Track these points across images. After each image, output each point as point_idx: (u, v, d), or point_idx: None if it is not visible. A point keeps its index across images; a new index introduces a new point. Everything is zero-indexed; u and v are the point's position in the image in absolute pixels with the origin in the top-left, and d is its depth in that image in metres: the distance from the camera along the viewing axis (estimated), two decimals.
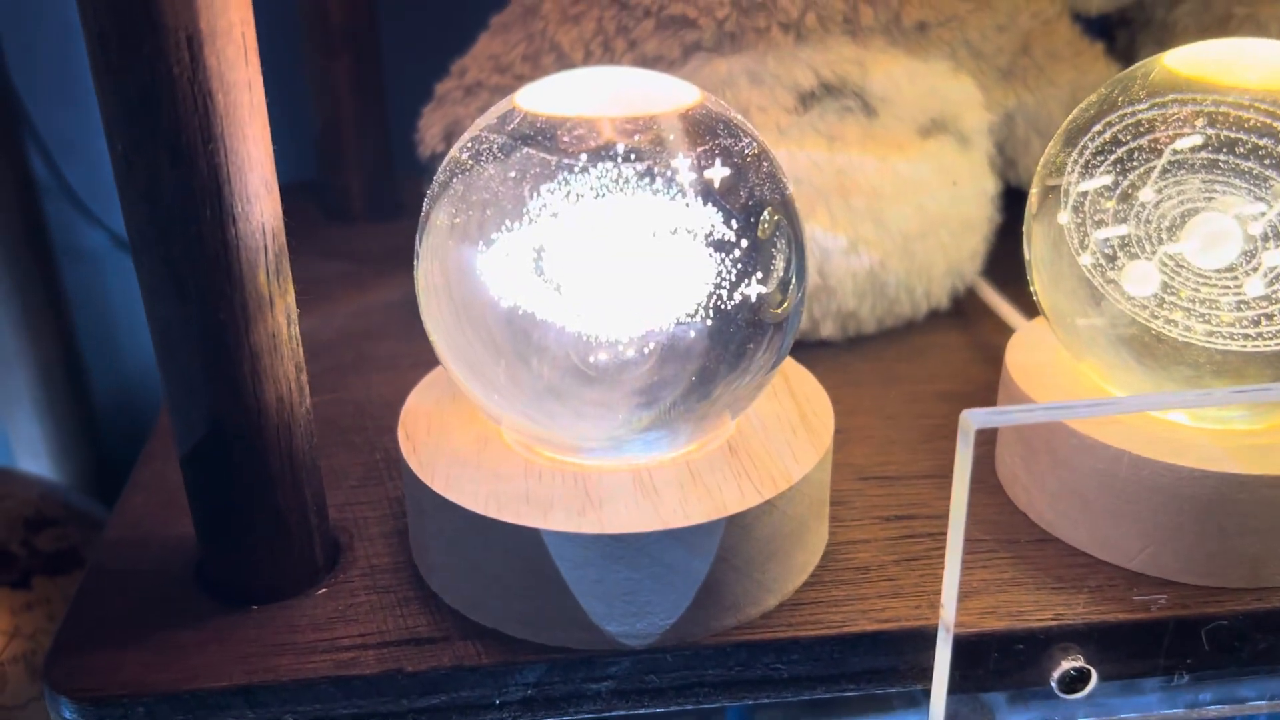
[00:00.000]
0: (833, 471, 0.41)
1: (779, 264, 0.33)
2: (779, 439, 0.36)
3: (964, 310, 0.52)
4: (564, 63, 0.45)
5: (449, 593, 0.35)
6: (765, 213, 0.32)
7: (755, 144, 0.33)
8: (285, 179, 0.34)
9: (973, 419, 0.30)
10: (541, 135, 0.31)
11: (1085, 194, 0.36)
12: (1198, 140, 0.35)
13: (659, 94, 0.33)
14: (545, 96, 0.33)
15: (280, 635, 0.34)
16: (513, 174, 0.31)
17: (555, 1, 0.45)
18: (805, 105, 0.44)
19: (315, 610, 0.35)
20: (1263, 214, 0.34)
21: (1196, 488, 0.34)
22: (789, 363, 0.40)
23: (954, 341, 0.50)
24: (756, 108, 0.44)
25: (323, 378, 0.48)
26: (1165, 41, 0.53)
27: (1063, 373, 0.39)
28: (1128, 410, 0.33)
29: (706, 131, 0.32)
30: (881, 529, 0.38)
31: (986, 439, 0.41)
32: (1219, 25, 0.51)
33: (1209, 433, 0.36)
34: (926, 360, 0.49)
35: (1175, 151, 0.35)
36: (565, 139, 0.31)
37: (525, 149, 0.31)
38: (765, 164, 0.33)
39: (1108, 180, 0.35)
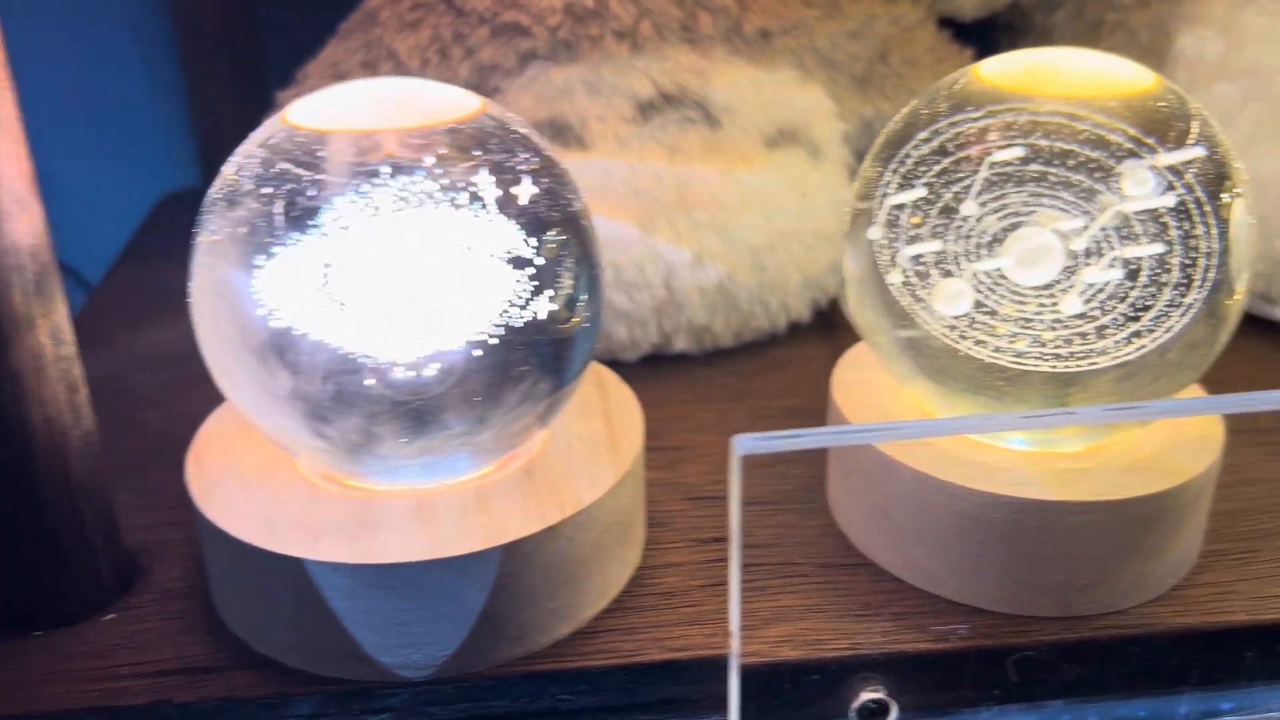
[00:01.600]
0: (662, 491, 0.40)
1: (564, 280, 0.32)
2: (581, 461, 0.35)
3: (830, 323, 0.51)
4: (401, 71, 0.44)
5: (233, 621, 0.34)
6: (548, 229, 0.31)
7: (537, 157, 0.32)
8: (167, 188, 0.33)
9: (739, 445, 0.29)
10: (302, 151, 0.30)
11: (896, 210, 0.35)
12: (1017, 152, 0.34)
13: (434, 105, 0.32)
14: (316, 111, 0.32)
15: (57, 663, 0.33)
16: (269, 191, 0.30)
17: (393, 9, 0.44)
18: (645, 115, 0.43)
19: (99, 636, 0.34)
20: (1085, 228, 0.33)
21: (1000, 513, 0.33)
22: (612, 380, 0.39)
23: (814, 355, 0.49)
24: (595, 118, 0.42)
25: (166, 391, 0.47)
26: (1041, 47, 0.52)
27: (886, 392, 0.38)
28: (906, 436, 0.32)
29: (479, 144, 0.31)
30: (696, 553, 0.37)
31: (816, 458, 0.40)
32: (1091, 31, 0.50)
33: (1024, 455, 0.35)
34: (783, 375, 0.48)
35: (993, 165, 0.34)
36: (325, 153, 0.30)
37: (283, 164, 0.30)
38: (548, 177, 0.32)
39: (918, 195, 0.34)
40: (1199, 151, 0.33)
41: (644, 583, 0.36)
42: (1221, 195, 0.32)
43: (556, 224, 0.32)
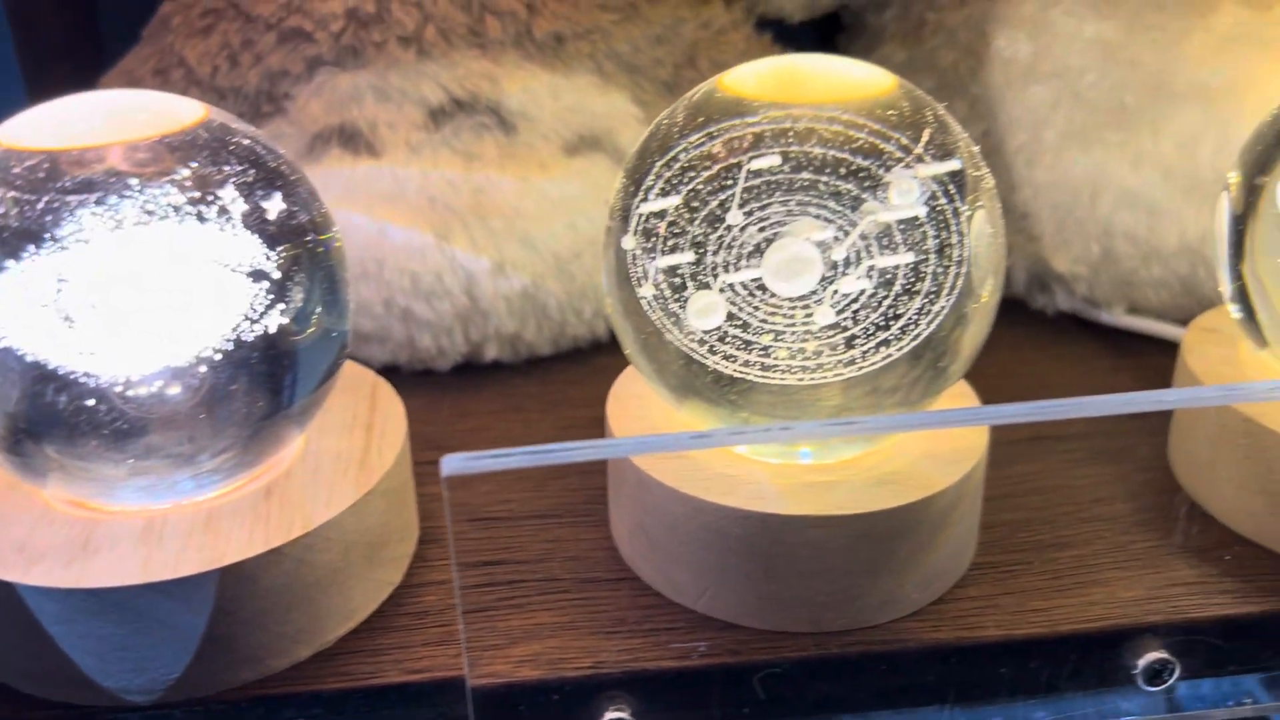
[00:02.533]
0: (443, 507, 0.39)
1: (296, 293, 0.31)
2: (325, 479, 0.34)
3: None
4: (191, 78, 0.43)
5: None
6: (278, 241, 0.31)
7: (260, 166, 0.31)
8: None
9: (446, 465, 0.28)
10: (18, 168, 0.30)
11: (652, 219, 0.34)
12: (771, 161, 0.33)
13: (156, 117, 0.31)
14: (30, 127, 0.31)
15: None
16: None
17: (185, 15, 0.43)
18: (437, 122, 0.42)
19: None
20: (845, 235, 0.33)
21: (743, 527, 0.32)
22: (385, 394, 0.38)
23: None
24: (385, 124, 0.42)
25: None
26: (874, 47, 0.51)
27: (659, 403, 0.37)
28: (625, 453, 0.31)
29: (200, 154, 0.30)
30: (462, 575, 0.36)
31: (599, 470, 0.40)
32: (915, 31, 0.49)
33: (774, 469, 0.34)
34: (601, 383, 0.47)
35: (752, 174, 0.33)
36: (21, 170, 0.29)
37: None
38: (273, 187, 0.31)
39: (670, 204, 0.33)
40: (956, 164, 0.33)
41: (401, 603, 0.35)
42: (964, 205, 0.32)
43: (288, 235, 0.31)
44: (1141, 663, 0.34)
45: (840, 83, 0.32)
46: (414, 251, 0.42)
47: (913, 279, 0.32)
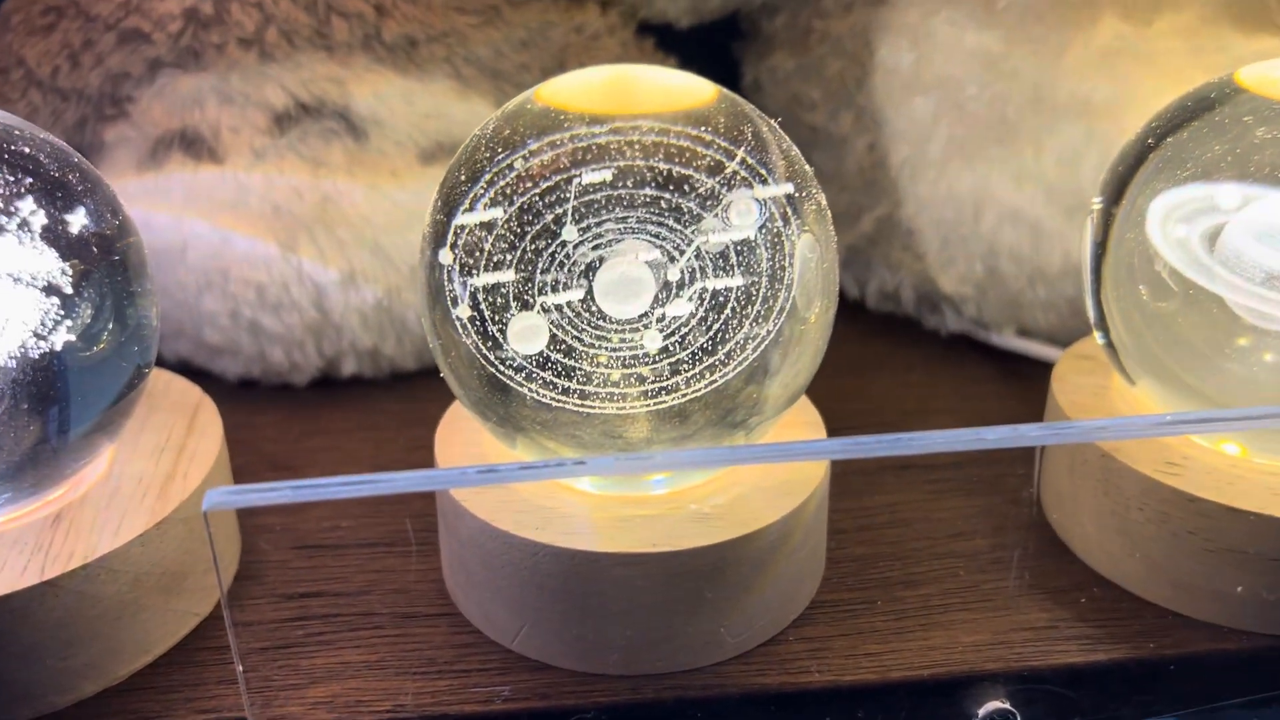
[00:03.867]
0: (270, 536, 0.37)
1: (84, 309, 0.30)
2: (121, 505, 0.32)
3: None
4: (31, 79, 0.41)
5: None
6: (67, 255, 0.29)
7: (40, 177, 0.29)
8: None
9: (207, 499, 0.27)
10: None
11: (468, 237, 0.32)
12: (602, 176, 0.31)
13: None
14: None
15: None
16: None
17: (26, 13, 0.41)
18: (282, 127, 0.40)
19: None
20: (679, 258, 0.31)
21: (553, 564, 0.31)
22: (208, 414, 0.36)
23: None
24: (228, 128, 0.40)
25: None
26: (766, 55, 0.50)
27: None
28: (399, 488, 0.29)
29: None
30: (277, 607, 0.34)
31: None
32: (803, 39, 0.47)
33: (595, 500, 0.32)
34: None
35: (581, 189, 0.31)
36: None
37: None
38: (60, 199, 0.29)
39: (489, 218, 0.31)
40: (789, 188, 0.31)
41: (205, 636, 0.33)
42: (792, 227, 0.30)
43: (75, 248, 0.29)
44: (981, 713, 0.32)
45: (657, 94, 0.31)
46: (259, 262, 0.41)
47: (743, 302, 0.31)
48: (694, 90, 0.31)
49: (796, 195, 0.30)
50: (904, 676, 0.32)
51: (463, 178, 0.30)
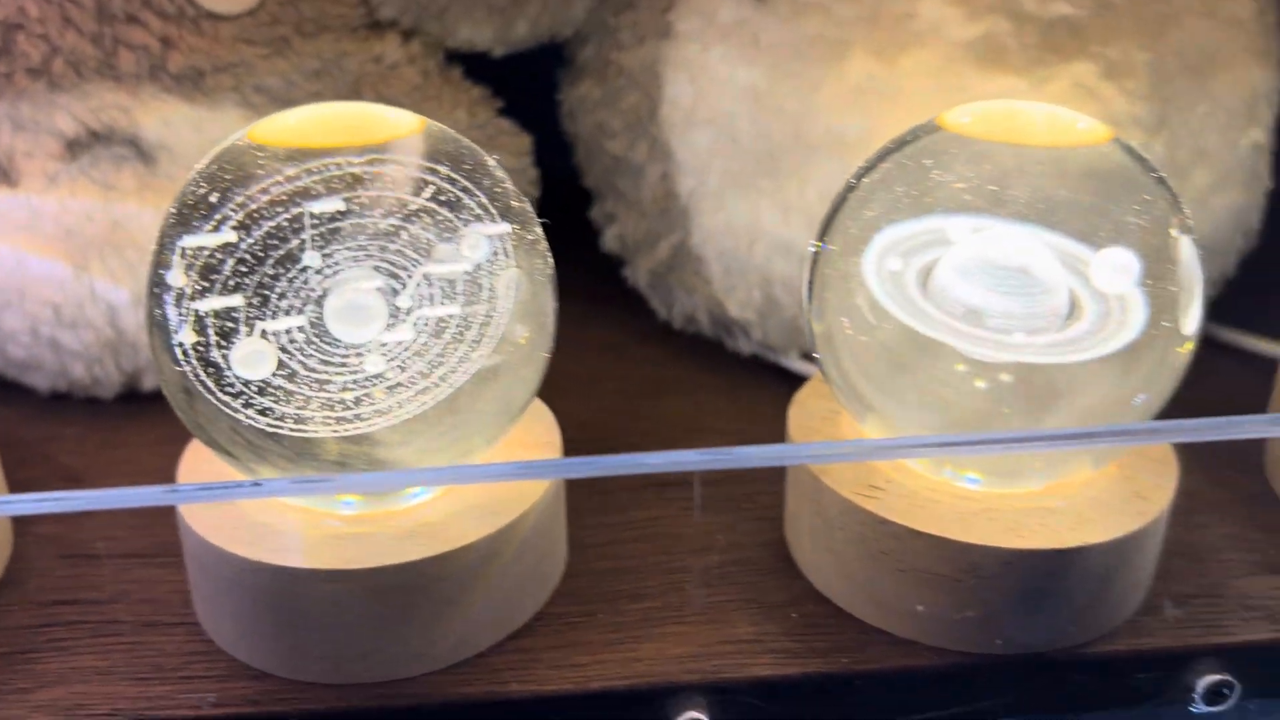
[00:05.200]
0: (42, 545, 0.39)
1: None
2: None
3: None
4: None
5: None
6: None
7: None
8: None
9: None
10: None
11: (195, 258, 0.34)
12: (336, 205, 0.33)
13: None
14: None
15: None
16: None
17: None
18: (74, 152, 0.42)
19: None
20: (405, 286, 0.33)
21: (263, 580, 0.32)
22: None
23: None
24: (22, 153, 0.42)
25: None
26: (577, 83, 0.51)
27: None
28: (135, 502, 0.31)
29: None
30: (27, 614, 0.36)
31: None
32: (604, 70, 0.49)
33: (313, 517, 0.34)
34: None
35: (314, 217, 0.33)
36: None
37: None
38: None
39: (223, 240, 0.33)
40: (506, 227, 0.33)
41: None
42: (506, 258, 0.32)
43: None
44: None
45: (361, 127, 0.32)
46: (53, 282, 0.42)
47: (460, 329, 0.33)
48: (403, 123, 0.33)
49: (513, 231, 0.32)
50: (602, 687, 0.33)
51: (176, 212, 0.32)
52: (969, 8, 0.39)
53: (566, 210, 0.53)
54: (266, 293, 0.32)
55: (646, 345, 0.52)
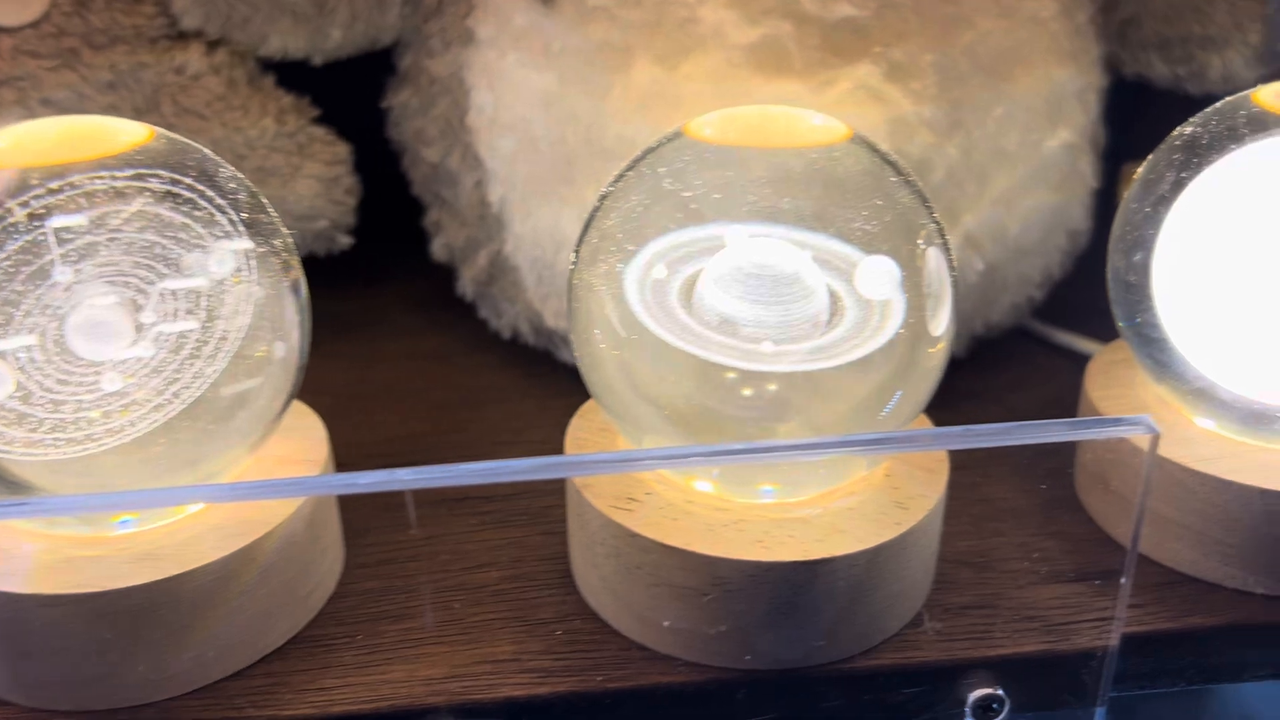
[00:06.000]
0: None
1: None
2: None
3: None
4: None
5: None
6: None
7: None
8: None
9: None
10: None
11: None
12: (78, 220, 0.32)
13: None
14: None
15: None
16: None
17: None
18: None
19: None
20: (146, 299, 0.32)
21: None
22: None
23: None
24: None
25: None
26: (399, 91, 0.50)
27: None
28: None
29: None
30: None
31: None
32: (417, 78, 0.48)
33: (52, 540, 0.33)
34: None
35: (59, 233, 0.32)
36: None
37: None
38: None
39: None
40: (247, 242, 0.32)
41: None
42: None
43: None
44: None
45: (92, 141, 0.32)
46: None
47: (199, 344, 0.32)
48: (132, 134, 0.32)
49: (256, 245, 0.31)
50: (344, 712, 0.33)
51: None
52: (748, 11, 0.39)
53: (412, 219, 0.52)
54: (11, 310, 0.32)
55: (475, 355, 0.51)
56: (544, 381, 0.49)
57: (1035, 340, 0.51)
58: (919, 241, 0.33)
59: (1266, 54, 0.50)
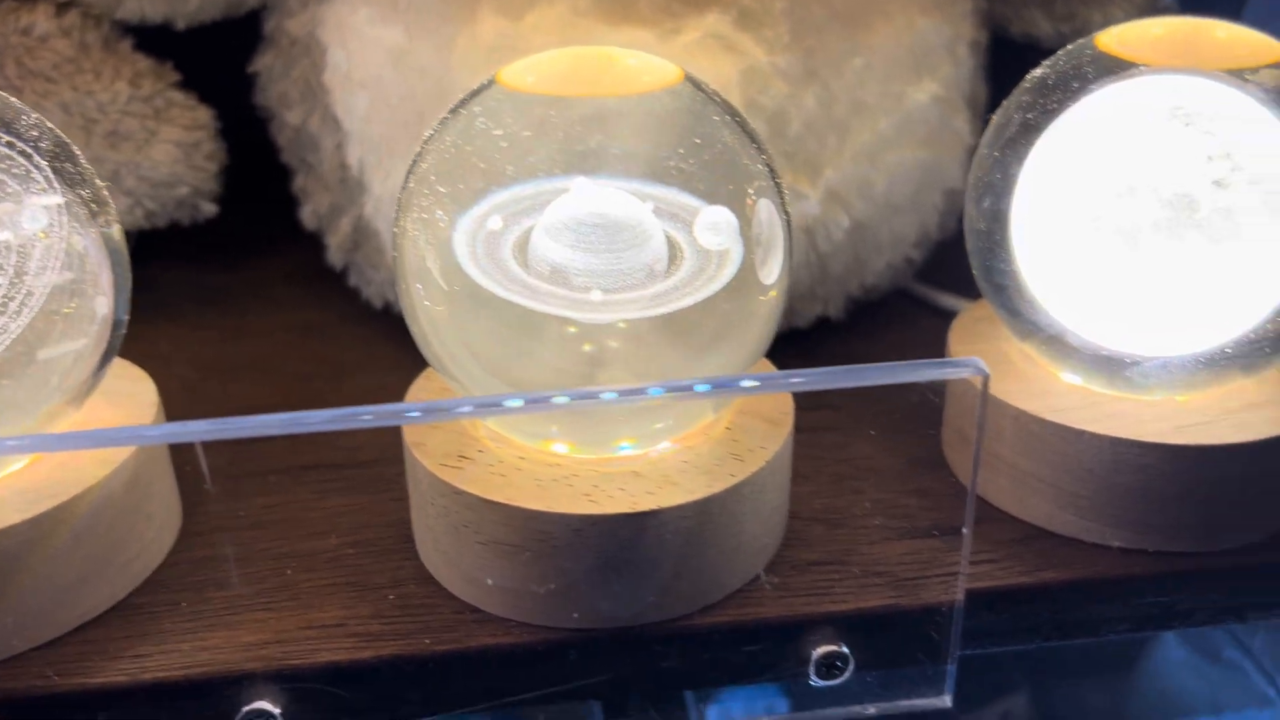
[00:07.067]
0: None
1: None
2: None
3: None
4: None
5: None
6: None
7: None
8: None
9: None
10: None
11: None
12: None
13: None
14: None
15: None
16: None
17: None
18: None
19: None
20: None
21: None
22: None
23: None
24: None
25: None
26: (264, 54, 0.49)
27: None
28: None
29: None
30: None
31: None
32: (279, 38, 0.47)
33: None
34: None
35: None
36: None
37: None
38: None
39: None
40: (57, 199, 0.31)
41: None
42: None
43: None
44: (242, 712, 0.32)
45: None
46: None
47: (3, 300, 0.31)
48: None
49: (69, 198, 0.30)
50: (156, 678, 0.31)
51: None
52: None
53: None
54: None
55: (346, 326, 0.50)
56: (412, 353, 0.47)
57: (918, 303, 0.50)
58: (750, 190, 0.32)
59: (1148, 8, 0.50)
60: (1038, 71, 0.35)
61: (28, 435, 0.32)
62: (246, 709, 0.32)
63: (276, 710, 0.32)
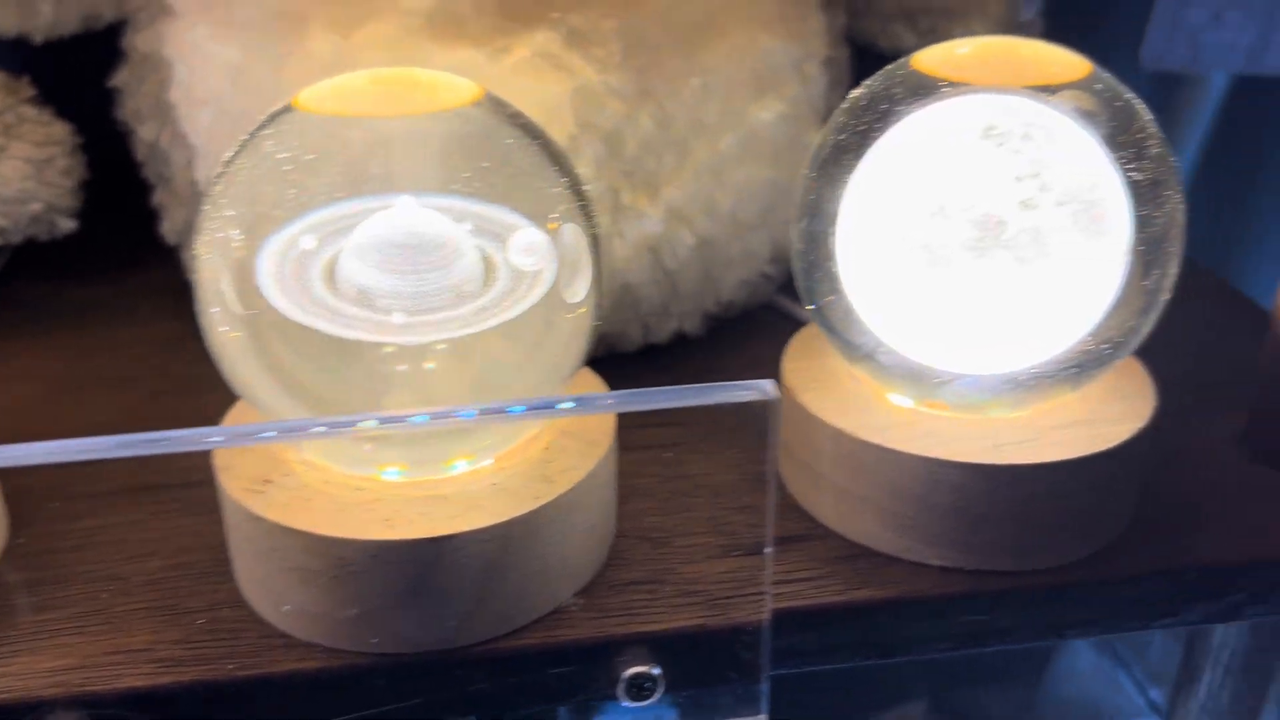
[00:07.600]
0: None
1: None
2: None
3: None
4: None
5: None
6: None
7: None
8: None
9: None
10: None
11: None
12: None
13: None
14: None
15: None
16: None
17: None
18: None
19: None
20: None
21: None
22: None
23: None
24: None
25: None
26: (120, 69, 0.49)
27: None
28: None
29: None
30: None
31: None
32: (131, 54, 0.47)
33: None
34: None
35: None
36: None
37: None
38: None
39: None
40: None
41: None
42: None
43: None
44: None
45: None
46: None
47: None
48: None
49: None
50: None
51: None
52: None
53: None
54: None
55: (202, 341, 0.49)
56: None
57: (784, 317, 0.50)
58: (553, 213, 0.32)
59: (1009, 23, 0.50)
60: (856, 92, 0.36)
61: None
62: None
63: None
